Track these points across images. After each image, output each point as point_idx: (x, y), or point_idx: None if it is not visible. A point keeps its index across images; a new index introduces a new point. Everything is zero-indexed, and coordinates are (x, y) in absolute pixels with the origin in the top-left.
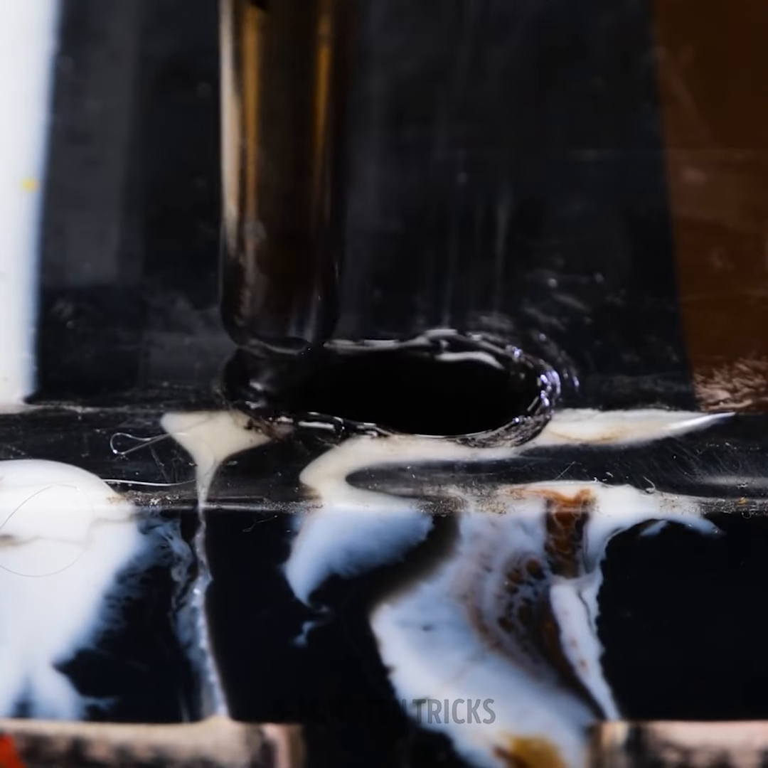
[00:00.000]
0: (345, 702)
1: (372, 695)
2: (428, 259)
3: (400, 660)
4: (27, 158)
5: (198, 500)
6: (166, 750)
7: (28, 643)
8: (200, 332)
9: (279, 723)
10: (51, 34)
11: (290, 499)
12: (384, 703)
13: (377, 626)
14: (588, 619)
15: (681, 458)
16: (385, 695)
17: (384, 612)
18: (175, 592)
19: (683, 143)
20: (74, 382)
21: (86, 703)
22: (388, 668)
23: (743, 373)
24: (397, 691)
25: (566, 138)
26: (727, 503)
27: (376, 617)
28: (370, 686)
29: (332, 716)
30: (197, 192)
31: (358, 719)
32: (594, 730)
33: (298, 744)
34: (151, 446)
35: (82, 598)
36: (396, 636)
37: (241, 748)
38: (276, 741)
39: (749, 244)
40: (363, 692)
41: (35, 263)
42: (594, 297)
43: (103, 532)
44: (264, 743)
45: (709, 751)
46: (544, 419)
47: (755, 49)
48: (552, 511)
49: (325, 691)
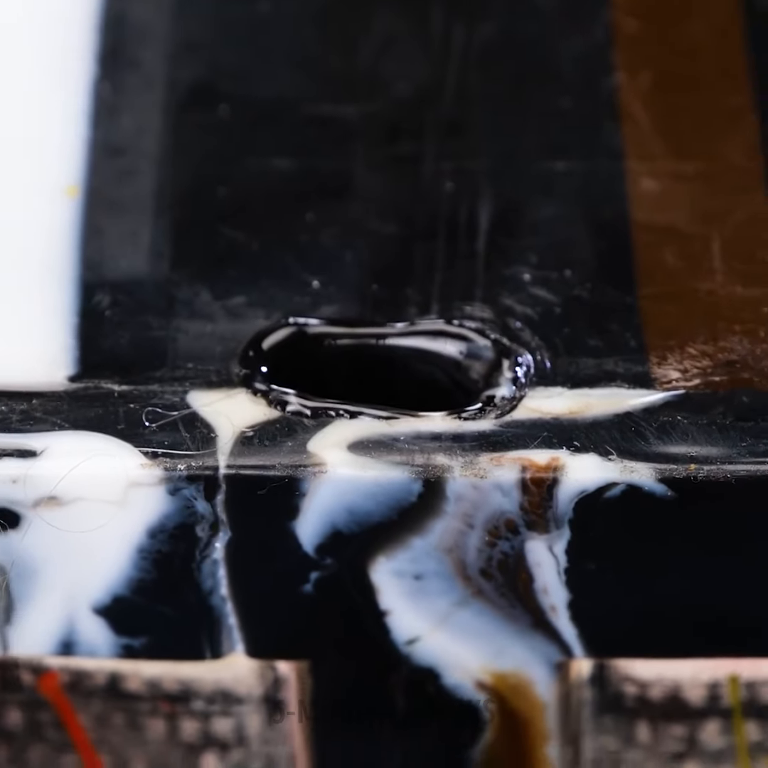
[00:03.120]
0: (346, 641)
1: (369, 636)
2: (419, 257)
3: (394, 605)
4: (70, 168)
5: (219, 466)
6: (191, 683)
7: (71, 590)
8: (220, 320)
9: (289, 660)
10: (92, 61)
11: (299, 466)
12: (380, 643)
13: (374, 576)
14: (558, 570)
15: (639, 430)
16: (381, 636)
17: (380, 563)
18: (199, 546)
19: (641, 156)
20: (111, 363)
21: (121, 642)
22: (384, 612)
23: (692, 356)
24: (392, 632)
25: (539, 151)
26: (679, 469)
27: (374, 568)
28: (368, 628)
29: (335, 654)
30: (218, 199)
31: (357, 656)
32: (563, 666)
33: (305, 678)
34: (178, 419)
35: (117, 552)
36: (390, 584)
37: (256, 682)
38: (286, 675)
39: (698, 245)
40: (362, 633)
41: (77, 260)
42: (563, 290)
43: (137, 494)
44: (276, 677)
45: (663, 684)
46: (520, 396)
47: (703, 74)
48: (526, 476)
49: (329, 632)
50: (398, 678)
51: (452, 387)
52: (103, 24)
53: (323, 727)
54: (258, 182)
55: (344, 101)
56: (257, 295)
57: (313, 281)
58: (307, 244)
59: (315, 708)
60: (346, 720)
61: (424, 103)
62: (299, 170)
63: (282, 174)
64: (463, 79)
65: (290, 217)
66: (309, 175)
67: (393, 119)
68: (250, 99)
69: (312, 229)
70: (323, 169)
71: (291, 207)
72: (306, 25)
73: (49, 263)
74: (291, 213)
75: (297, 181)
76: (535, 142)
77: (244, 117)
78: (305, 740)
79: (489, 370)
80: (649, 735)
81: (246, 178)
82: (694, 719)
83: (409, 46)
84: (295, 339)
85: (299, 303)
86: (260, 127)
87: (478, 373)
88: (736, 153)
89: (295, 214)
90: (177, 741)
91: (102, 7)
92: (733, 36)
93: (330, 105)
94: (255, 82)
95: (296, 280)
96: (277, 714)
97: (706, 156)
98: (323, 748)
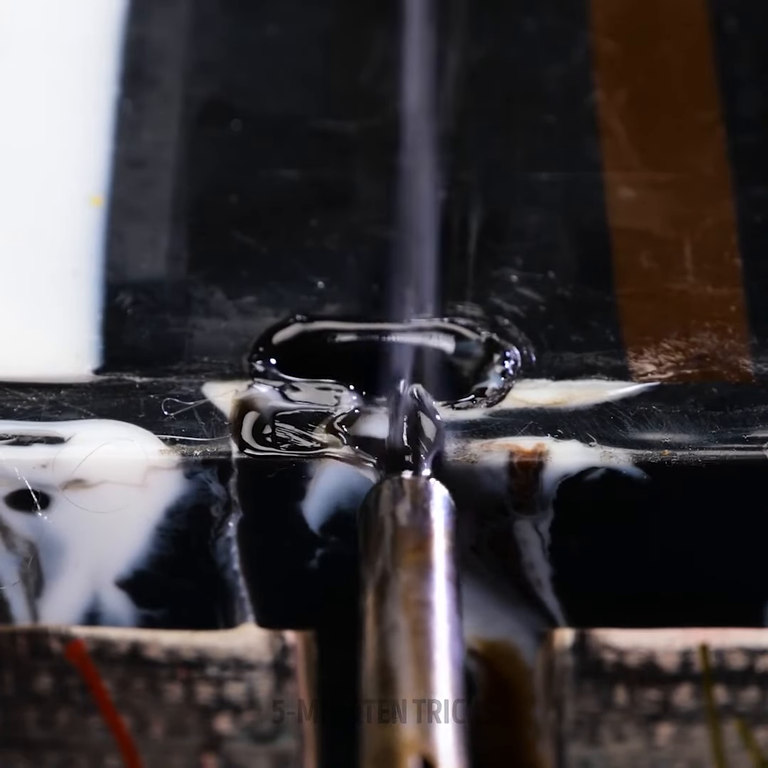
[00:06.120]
0: (349, 612)
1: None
2: (415, 260)
3: None
4: (95, 179)
5: (232, 452)
6: (206, 651)
7: (96, 565)
8: (233, 318)
9: (296, 629)
10: (114, 81)
11: (306, 451)
12: None
13: None
14: (542, 547)
15: (617, 418)
16: None
17: None
18: (214, 525)
19: (618, 167)
20: (132, 357)
21: (142, 613)
22: None
23: (666, 350)
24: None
25: (525, 163)
26: (654, 454)
27: None
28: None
29: (338, 624)
30: (230, 207)
31: (359, 626)
32: (547, 636)
33: (311, 646)
34: (194, 409)
35: (138, 530)
36: None
37: (265, 650)
38: (294, 644)
39: (671, 248)
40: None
41: (101, 263)
42: (547, 290)
43: (156, 477)
44: (284, 646)
45: (639, 652)
46: (508, 387)
47: (675, 91)
48: (514, 461)
49: (333, 604)
50: None
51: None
52: (124, 46)
53: (327, 694)
54: (267, 191)
55: (346, 117)
56: (267, 294)
57: (318, 282)
58: (313, 248)
59: (320, 673)
60: (348, 684)
61: (419, 119)
62: (305, 180)
63: (289, 184)
64: (456, 98)
65: (297, 224)
66: (314, 185)
67: (391, 134)
68: (260, 115)
69: (317, 234)
70: (327, 180)
71: (297, 214)
72: (312, 48)
73: (75, 266)
74: (297, 220)
75: (303, 190)
76: (522, 155)
77: (254, 131)
78: (311, 703)
79: (480, 364)
80: (627, 698)
81: (256, 188)
82: (667, 684)
83: (405, 68)
84: (301, 335)
85: (305, 302)
86: (269, 141)
87: (469, 368)
88: (706, 164)
89: (301, 221)
90: (193, 704)
91: (123, 30)
92: (702, 55)
93: (333, 120)
94: (265, 99)
95: (302, 281)
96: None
97: (678, 167)
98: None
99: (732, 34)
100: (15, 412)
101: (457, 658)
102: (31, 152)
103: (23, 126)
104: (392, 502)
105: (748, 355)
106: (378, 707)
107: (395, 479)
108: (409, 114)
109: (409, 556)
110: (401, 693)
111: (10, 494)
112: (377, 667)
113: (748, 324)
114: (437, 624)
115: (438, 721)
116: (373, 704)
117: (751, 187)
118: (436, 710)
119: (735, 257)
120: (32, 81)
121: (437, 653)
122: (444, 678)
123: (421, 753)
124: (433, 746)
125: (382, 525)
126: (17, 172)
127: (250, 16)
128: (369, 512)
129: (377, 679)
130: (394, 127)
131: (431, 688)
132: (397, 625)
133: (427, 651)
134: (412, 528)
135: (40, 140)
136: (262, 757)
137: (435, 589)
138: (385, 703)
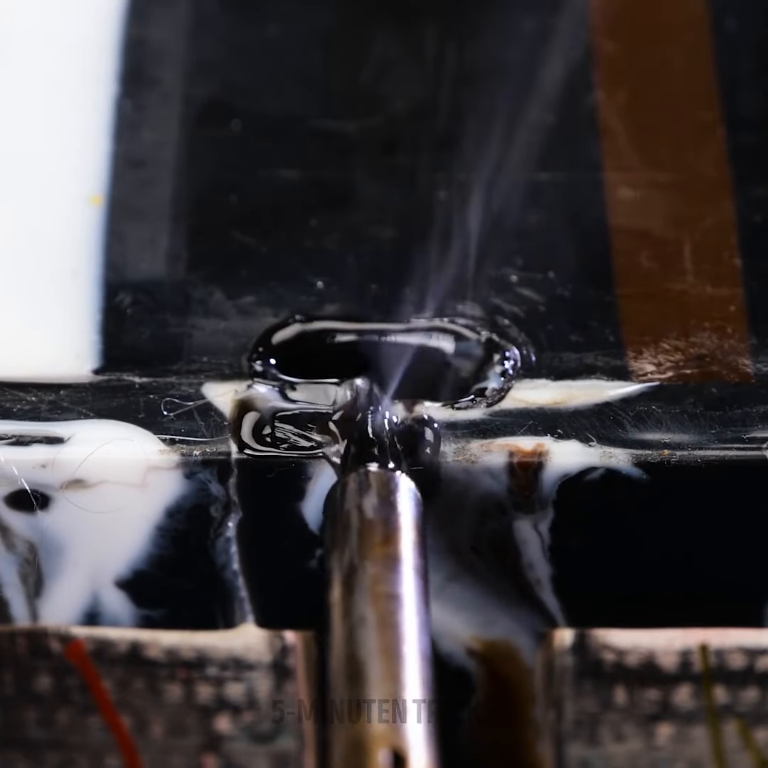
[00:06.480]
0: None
1: None
2: (415, 260)
3: None
4: (94, 179)
5: (231, 452)
6: (206, 651)
7: (95, 565)
8: (233, 318)
9: (296, 629)
10: (114, 81)
11: (305, 451)
12: None
13: None
14: (542, 547)
15: (617, 418)
16: None
17: None
18: (213, 525)
19: (618, 167)
20: (132, 357)
21: (141, 613)
22: None
23: (666, 350)
24: None
25: (525, 163)
26: (653, 454)
27: None
28: None
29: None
30: (230, 207)
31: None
32: (547, 636)
33: (311, 646)
34: (193, 409)
35: (138, 530)
36: None
37: (265, 650)
38: (293, 644)
39: (670, 248)
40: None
41: (101, 263)
42: (547, 290)
43: (156, 477)
44: (284, 645)
45: (639, 652)
46: (508, 387)
47: (675, 92)
48: (514, 461)
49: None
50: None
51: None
52: (124, 46)
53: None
54: (267, 191)
55: (346, 117)
56: (266, 294)
57: (317, 282)
58: (312, 248)
59: (319, 674)
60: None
61: (419, 118)
62: (304, 180)
63: (289, 184)
64: (455, 98)
65: (296, 224)
66: (313, 185)
67: (390, 134)
68: (260, 115)
69: (316, 234)
70: (326, 180)
71: (297, 214)
72: (311, 48)
73: (75, 266)
74: (297, 220)
75: (302, 190)
76: (522, 155)
77: (254, 131)
78: (311, 703)
79: (480, 364)
80: (626, 698)
81: (256, 188)
82: (667, 684)
83: (405, 67)
84: (300, 334)
85: (305, 302)
86: (269, 141)
87: (468, 369)
88: (706, 164)
89: (300, 221)
90: (193, 704)
91: (123, 30)
92: (702, 56)
93: (333, 121)
94: (264, 99)
95: (302, 281)
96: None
97: (678, 167)
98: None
99: (732, 34)
100: (15, 412)
101: (425, 650)
102: (31, 152)
103: (23, 126)
104: (358, 495)
105: (747, 355)
106: (347, 701)
107: (361, 472)
108: (409, 114)
109: (377, 549)
110: (370, 686)
111: (10, 494)
112: (345, 661)
113: (748, 324)
114: (405, 617)
115: (408, 715)
116: (343, 698)
117: (751, 187)
118: (405, 703)
119: (735, 257)
120: (32, 81)
121: (406, 646)
122: (413, 671)
123: (391, 746)
124: (403, 739)
125: (348, 518)
126: (17, 172)
127: (250, 16)
128: (335, 505)
129: (346, 673)
130: (394, 127)
131: (400, 681)
132: (365, 618)
133: (395, 644)
134: (379, 521)
135: (40, 140)
136: (261, 757)
137: (403, 581)
138: (354, 697)
